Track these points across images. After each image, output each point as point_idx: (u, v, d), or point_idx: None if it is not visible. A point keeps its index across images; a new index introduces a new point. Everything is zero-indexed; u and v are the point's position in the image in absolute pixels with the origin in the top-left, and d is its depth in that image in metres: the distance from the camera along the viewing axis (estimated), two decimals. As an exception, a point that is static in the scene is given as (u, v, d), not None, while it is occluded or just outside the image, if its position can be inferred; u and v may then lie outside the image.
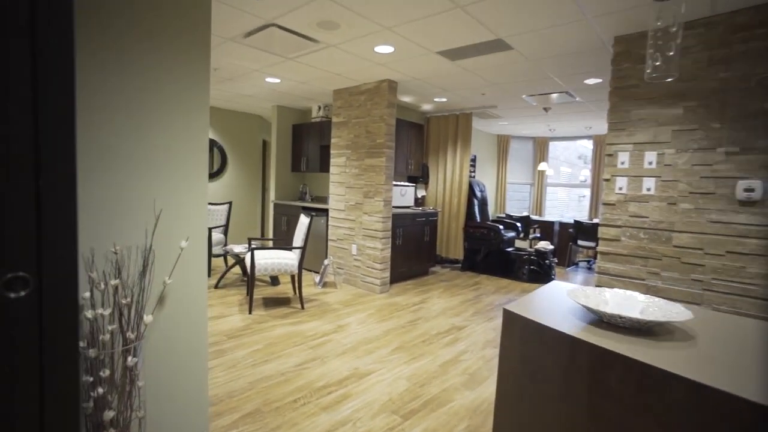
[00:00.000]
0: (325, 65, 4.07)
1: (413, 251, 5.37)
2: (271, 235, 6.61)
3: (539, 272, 5.58)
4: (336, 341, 3.21)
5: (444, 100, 5.44)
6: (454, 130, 6.08)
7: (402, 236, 5.12)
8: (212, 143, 6.66)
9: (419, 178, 6.15)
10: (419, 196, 6.33)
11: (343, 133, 5.00)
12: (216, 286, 4.58)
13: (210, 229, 4.97)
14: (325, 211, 5.33)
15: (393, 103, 4.58)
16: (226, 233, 5.52)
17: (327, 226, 5.28)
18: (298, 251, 4.05)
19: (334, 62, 3.95)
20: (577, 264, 7.12)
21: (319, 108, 5.99)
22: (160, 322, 1.56)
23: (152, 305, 1.52)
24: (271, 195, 6.46)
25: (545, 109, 5.65)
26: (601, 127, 6.73)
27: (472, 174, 7.40)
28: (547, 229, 7.26)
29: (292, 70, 4.26)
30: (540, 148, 8.45)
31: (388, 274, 4.77)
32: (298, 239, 4.15)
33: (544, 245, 5.77)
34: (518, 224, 6.41)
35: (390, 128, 4.57)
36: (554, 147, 8.53)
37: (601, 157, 7.56)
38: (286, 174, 6.51)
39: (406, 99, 5.47)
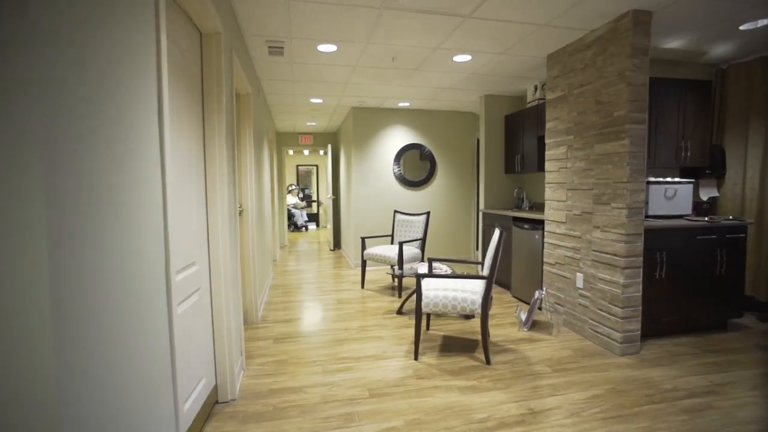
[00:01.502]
0: (521, 14, 2.81)
1: (691, 289, 3.26)
2: (479, 252, 5.62)
3: None
4: (519, 444, 1.94)
5: (765, 23, 3.08)
6: (781, 80, 3.46)
7: (668, 264, 3.15)
8: (418, 148, 6.26)
9: (705, 169, 3.82)
10: (705, 198, 3.96)
11: (563, 112, 3.50)
12: (399, 311, 3.97)
13: (401, 244, 4.44)
14: (541, 223, 3.91)
15: (643, 50, 2.81)
16: (423, 247, 4.90)
17: (542, 243, 3.86)
18: (481, 283, 2.93)
19: (534, 4, 2.65)
20: None
21: (536, 89, 4.59)
22: None
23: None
24: (481, 202, 5.46)
25: None
26: None
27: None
28: None
29: (478, 34, 3.19)
30: None
31: (637, 324, 2.96)
32: (486, 263, 3.02)
33: None
34: None
35: (637, 91, 2.81)
36: None
37: None
38: (498, 177, 5.38)
39: (671, 44, 3.42)
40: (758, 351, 3.03)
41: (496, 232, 2.99)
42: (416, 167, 6.32)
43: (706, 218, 3.40)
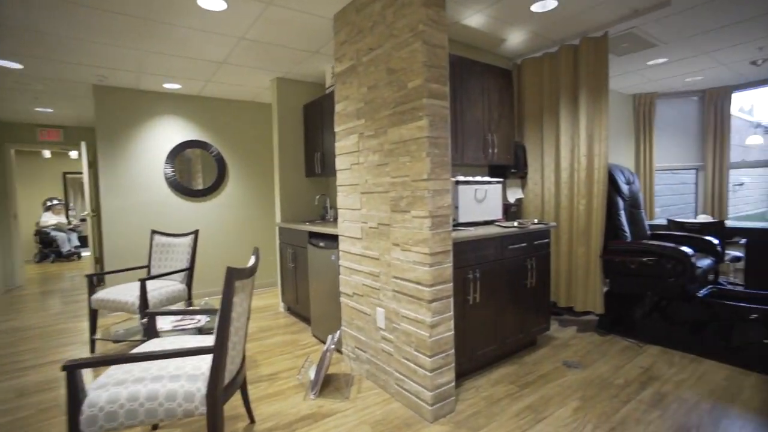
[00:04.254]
0: None
1: (506, 309, 2.70)
2: (279, 281, 4.44)
3: (801, 351, 2.50)
4: None
5: (551, 6, 2.74)
6: (571, 74, 3.30)
7: (482, 283, 2.50)
8: (203, 147, 4.73)
9: (510, 168, 3.46)
10: (513, 200, 3.63)
11: (352, 89, 2.59)
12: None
13: (143, 281, 2.90)
14: (337, 239, 2.93)
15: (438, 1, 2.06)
16: (189, 282, 3.43)
17: (339, 266, 2.87)
18: (204, 363, 1.72)
19: None
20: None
21: (334, 69, 3.68)
22: None
23: None
24: (276, 215, 4.28)
25: (787, -8, 2.61)
26: None
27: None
28: (756, 246, 3.96)
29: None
30: (713, 104, 5.11)
31: (451, 374, 2.19)
32: (219, 321, 1.80)
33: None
34: (714, 240, 3.34)
35: (436, 53, 2.04)
36: (737, 101, 5.18)
37: None
38: (298, 181, 4.29)
39: (470, 18, 2.89)
40: (567, 371, 2.63)
41: (253, 260, 1.81)
42: (200, 171, 4.76)
43: (516, 223, 2.95)
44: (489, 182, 2.95)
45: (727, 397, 2.29)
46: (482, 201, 2.87)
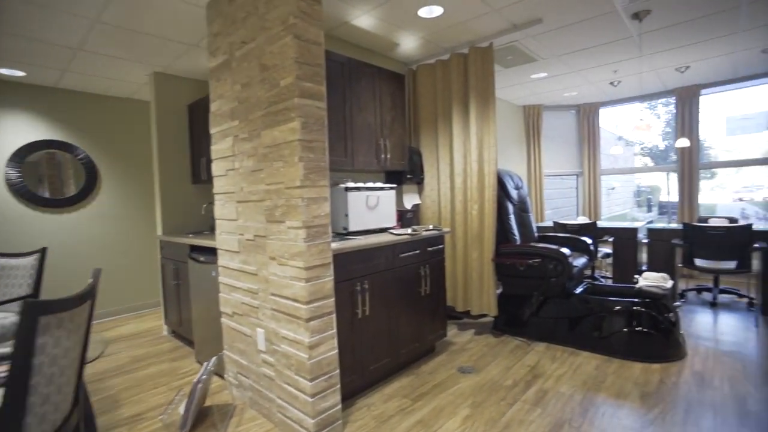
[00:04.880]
0: None
1: (399, 319, 2.63)
2: (162, 301, 3.94)
3: (653, 336, 2.79)
4: None
5: (438, 13, 2.76)
6: (461, 82, 3.38)
7: (371, 295, 2.39)
8: (66, 150, 4.02)
9: (406, 174, 3.44)
10: (409, 206, 3.62)
11: (226, 86, 2.32)
12: None
13: (-45, 316, 2.30)
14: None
15: (313, -7, 1.91)
16: (34, 310, 2.85)
17: (218, 284, 2.56)
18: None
19: None
20: (682, 296, 4.29)
21: (218, 65, 3.34)
22: None
23: None
24: (158, 226, 3.79)
25: (636, 17, 2.93)
26: (705, 69, 3.97)
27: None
28: (620, 242, 4.44)
29: None
30: (586, 118, 5.70)
31: (335, 397, 2.03)
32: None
33: (656, 282, 2.99)
34: (588, 240, 3.65)
35: (309, 49, 1.88)
36: (605, 116, 5.85)
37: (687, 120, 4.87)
38: (182, 189, 3.85)
39: (360, 19, 2.81)
40: (461, 377, 2.64)
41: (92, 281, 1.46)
42: (62, 177, 4.05)
43: (410, 230, 2.90)
44: (382, 188, 2.87)
45: (595, 385, 2.46)
46: (374, 208, 2.78)
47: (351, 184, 2.66)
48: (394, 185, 3.00)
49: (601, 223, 4.60)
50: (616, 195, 11.20)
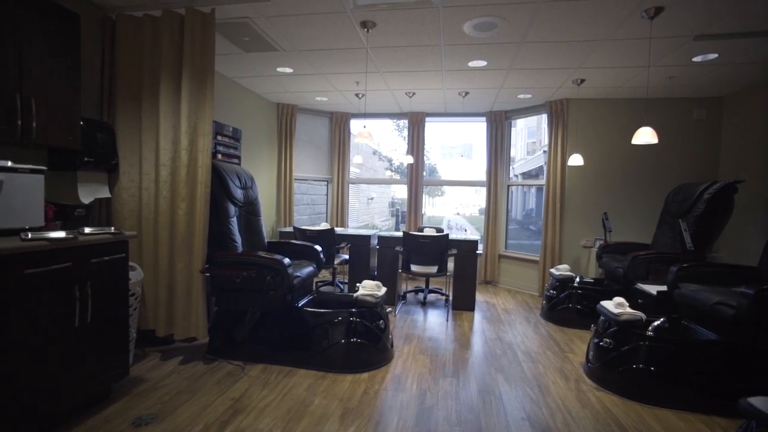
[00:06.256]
0: None
1: (30, 367, 1.72)
2: None
3: (365, 345, 2.81)
4: None
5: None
6: (175, 50, 2.68)
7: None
8: None
9: (84, 156, 2.46)
10: (88, 200, 2.64)
11: None
12: None
13: None
14: None
15: None
16: None
17: None
18: None
19: None
20: (404, 297, 4.79)
21: None
22: None
23: None
24: None
25: (364, 27, 2.93)
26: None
27: (236, 160, 4.13)
28: (356, 249, 4.64)
29: None
30: (338, 126, 5.88)
31: None
32: None
33: (371, 291, 3.05)
34: (317, 247, 3.52)
35: None
36: (356, 127, 6.16)
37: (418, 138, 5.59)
38: None
39: None
40: (137, 434, 1.95)
41: None
42: None
43: (63, 234, 2.00)
44: (13, 169, 1.88)
45: (300, 412, 2.21)
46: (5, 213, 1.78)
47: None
48: (43, 168, 2.04)
49: (338, 230, 4.69)
50: (375, 205, 12.35)
